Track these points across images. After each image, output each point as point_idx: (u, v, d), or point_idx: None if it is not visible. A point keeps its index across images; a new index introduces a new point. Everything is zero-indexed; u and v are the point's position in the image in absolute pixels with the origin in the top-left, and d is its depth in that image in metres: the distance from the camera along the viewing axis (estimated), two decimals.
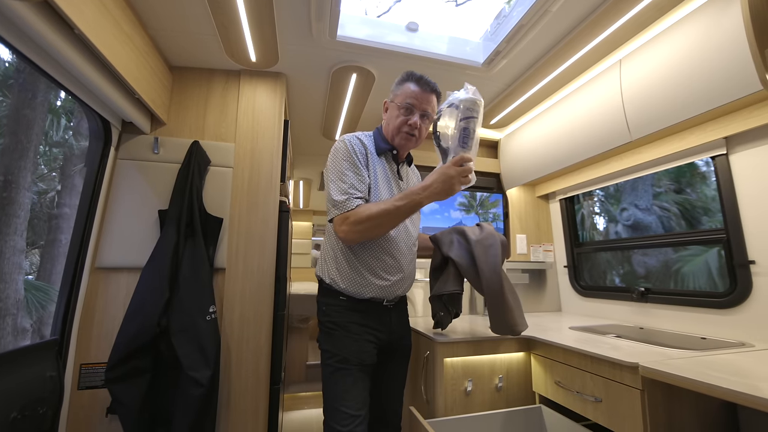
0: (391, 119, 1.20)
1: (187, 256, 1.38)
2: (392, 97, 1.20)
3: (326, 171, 1.16)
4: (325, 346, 1.12)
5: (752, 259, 1.25)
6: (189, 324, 1.30)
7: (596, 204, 2.10)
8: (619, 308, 1.75)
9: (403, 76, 1.20)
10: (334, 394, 1.06)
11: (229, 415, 1.38)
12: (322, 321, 1.15)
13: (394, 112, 1.19)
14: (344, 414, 1.03)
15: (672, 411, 0.97)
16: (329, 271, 1.16)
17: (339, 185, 1.08)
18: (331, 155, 1.15)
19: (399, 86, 1.19)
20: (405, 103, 1.16)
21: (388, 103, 1.23)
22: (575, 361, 1.18)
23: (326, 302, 1.16)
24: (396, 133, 1.19)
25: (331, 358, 1.09)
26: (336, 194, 1.07)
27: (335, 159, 1.13)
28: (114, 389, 1.22)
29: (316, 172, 3.48)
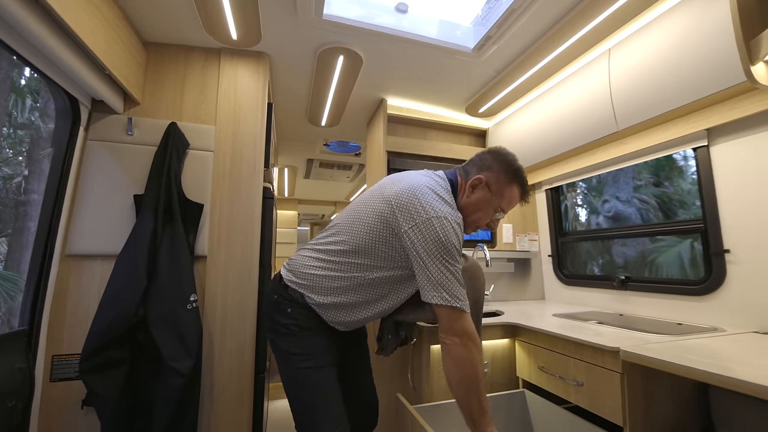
0: (479, 207, 1.07)
1: (165, 243, 1.32)
2: (494, 185, 1.06)
3: (434, 241, 0.94)
4: (295, 349, 1.03)
5: (727, 248, 1.29)
6: (168, 313, 1.26)
7: (579, 196, 2.14)
8: (600, 296, 1.80)
9: (512, 172, 1.07)
10: (316, 396, 1.00)
11: (213, 404, 1.36)
12: (286, 323, 1.04)
13: (487, 206, 1.07)
14: (334, 417, 0.99)
15: (649, 393, 1.01)
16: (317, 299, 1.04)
17: (457, 278, 0.94)
18: (443, 234, 0.94)
19: (505, 180, 1.06)
20: (502, 207, 1.08)
21: (483, 185, 1.06)
22: (558, 346, 1.21)
23: (293, 306, 1.06)
24: (474, 223, 1.10)
25: (307, 359, 1.02)
26: (458, 287, 0.93)
27: (449, 243, 0.94)
28: (89, 381, 1.18)
29: (302, 159, 3.40)
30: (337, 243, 1.06)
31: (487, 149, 1.12)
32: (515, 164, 1.07)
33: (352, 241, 1.04)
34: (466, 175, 1.10)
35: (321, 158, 3.30)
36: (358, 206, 1.09)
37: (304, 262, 1.09)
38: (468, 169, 1.11)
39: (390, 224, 1.00)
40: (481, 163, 1.09)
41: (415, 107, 2.16)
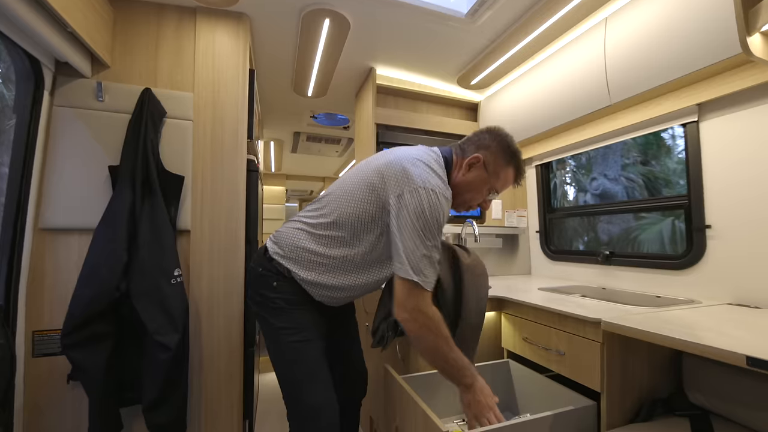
0: (474, 186, 1.06)
1: (145, 216, 1.28)
2: (491, 165, 1.04)
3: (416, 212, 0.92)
4: (282, 323, 1.02)
5: (709, 223, 1.32)
6: (152, 288, 1.23)
7: (568, 174, 2.15)
8: (584, 271, 1.84)
9: (510, 153, 1.05)
10: (304, 369, 1.01)
11: (203, 378, 1.36)
12: (271, 297, 1.03)
13: (481, 185, 1.06)
14: (321, 388, 1.00)
15: (626, 361, 1.04)
16: (301, 273, 1.02)
17: (432, 257, 0.93)
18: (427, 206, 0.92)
19: (503, 161, 1.05)
20: (496, 188, 1.07)
21: (480, 164, 1.04)
22: (543, 318, 1.24)
23: (279, 279, 1.04)
24: (467, 202, 1.10)
25: (295, 333, 1.01)
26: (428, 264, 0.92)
27: (432, 216, 0.92)
28: (72, 356, 1.16)
29: (288, 132, 3.29)
30: (326, 216, 1.04)
31: (486, 128, 1.09)
32: (513, 146, 1.06)
33: (340, 215, 1.02)
34: (463, 153, 1.07)
35: (308, 131, 3.21)
36: (349, 179, 1.07)
37: (291, 235, 1.07)
38: (465, 147, 1.08)
39: (379, 195, 0.98)
40: (479, 141, 1.06)
41: (405, 78, 2.09)
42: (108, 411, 1.19)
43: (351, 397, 1.25)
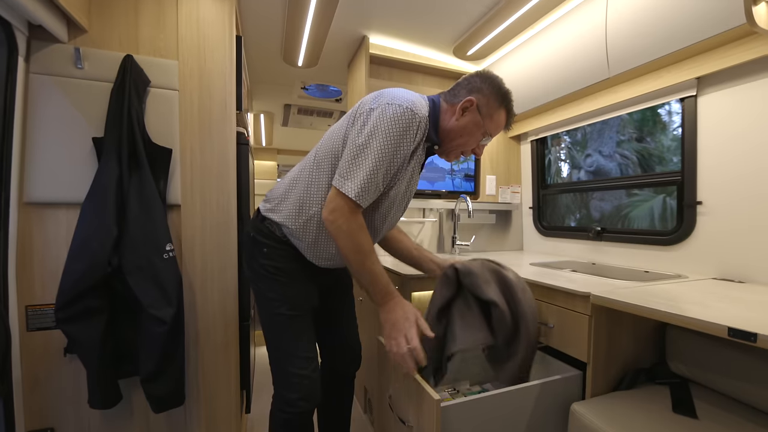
0: (468, 131, 1.02)
1: (133, 190, 1.25)
2: (484, 107, 1.01)
3: (368, 126, 0.92)
4: (272, 294, 1.05)
5: (700, 200, 1.33)
6: (145, 263, 1.22)
7: (563, 150, 2.13)
8: (575, 246, 1.87)
9: (502, 95, 1.02)
10: (289, 341, 1.04)
11: (200, 351, 1.38)
12: (263, 263, 1.06)
13: (476, 130, 1.03)
14: (302, 358, 1.04)
15: (612, 333, 1.08)
16: (290, 224, 1.04)
17: (374, 171, 0.91)
18: (389, 118, 0.90)
19: (495, 103, 1.01)
20: (490, 132, 1.04)
21: (473, 108, 1.01)
22: (534, 292, 1.25)
23: (269, 245, 1.06)
24: (457, 149, 1.06)
25: (283, 306, 1.04)
26: (364, 177, 0.90)
27: (391, 130, 0.90)
28: (68, 330, 1.16)
29: (279, 104, 3.19)
30: (313, 160, 1.05)
31: (475, 72, 1.05)
32: (504, 87, 1.03)
33: (324, 154, 1.02)
34: (454, 97, 1.03)
35: (299, 104, 3.12)
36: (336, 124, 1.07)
37: (281, 184, 1.10)
38: (456, 91, 1.04)
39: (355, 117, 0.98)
40: (470, 85, 1.02)
41: (399, 47, 2.01)
42: (107, 382, 1.21)
43: (345, 370, 1.28)
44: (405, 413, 1.01)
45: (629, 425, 0.91)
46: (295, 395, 1.02)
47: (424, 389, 0.89)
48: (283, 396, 1.04)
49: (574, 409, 1.01)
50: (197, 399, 1.38)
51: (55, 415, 1.24)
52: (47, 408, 1.23)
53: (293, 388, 1.02)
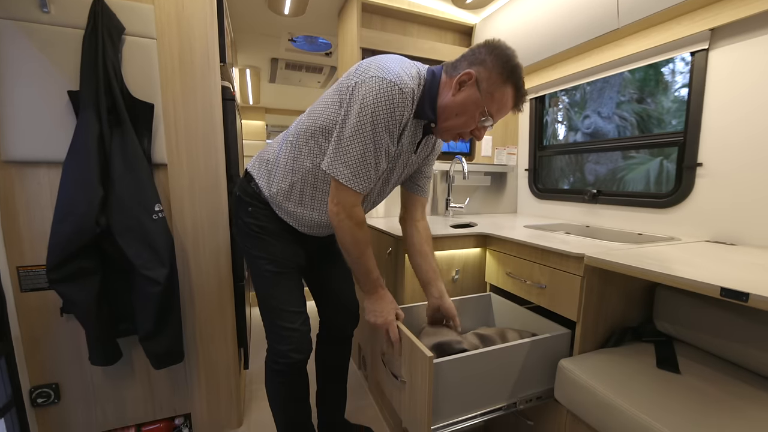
0: (465, 109, 0.91)
1: (116, 148, 1.19)
2: (485, 82, 0.88)
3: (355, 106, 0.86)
4: (257, 252, 1.07)
5: (700, 161, 1.31)
6: (134, 223, 1.20)
7: (560, 111, 2.07)
8: (570, 209, 1.86)
9: (509, 69, 0.88)
10: (277, 296, 1.07)
11: (196, 311, 1.40)
12: (247, 222, 1.07)
13: (473, 108, 0.90)
14: (291, 312, 1.07)
15: (603, 293, 1.10)
16: (273, 187, 1.04)
17: (365, 155, 0.88)
18: (374, 95, 0.84)
19: (499, 79, 0.88)
20: (491, 112, 0.91)
21: (472, 82, 0.89)
22: (527, 254, 1.26)
23: (254, 204, 1.07)
24: (453, 129, 0.95)
25: (269, 263, 1.07)
26: (355, 163, 0.88)
27: (376, 109, 0.84)
28: (61, 290, 1.15)
29: (265, 58, 3.01)
30: (303, 129, 1.01)
31: (483, 42, 0.91)
32: (513, 60, 0.88)
33: (313, 120, 0.99)
34: (454, 69, 0.92)
35: (287, 58, 2.95)
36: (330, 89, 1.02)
37: (271, 146, 1.09)
38: (457, 63, 0.93)
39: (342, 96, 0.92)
40: (473, 57, 0.90)
41: None
42: (105, 341, 1.22)
43: (342, 329, 1.31)
44: (398, 369, 1.04)
45: (613, 379, 0.95)
46: (286, 347, 1.06)
47: (417, 347, 0.91)
48: (275, 348, 1.09)
49: (562, 365, 1.05)
50: (196, 356, 1.41)
51: (59, 371, 1.27)
52: (50, 365, 1.26)
53: (284, 341, 1.07)
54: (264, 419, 1.57)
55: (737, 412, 0.83)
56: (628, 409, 0.85)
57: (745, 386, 0.92)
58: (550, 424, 1.13)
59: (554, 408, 1.11)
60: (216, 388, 1.46)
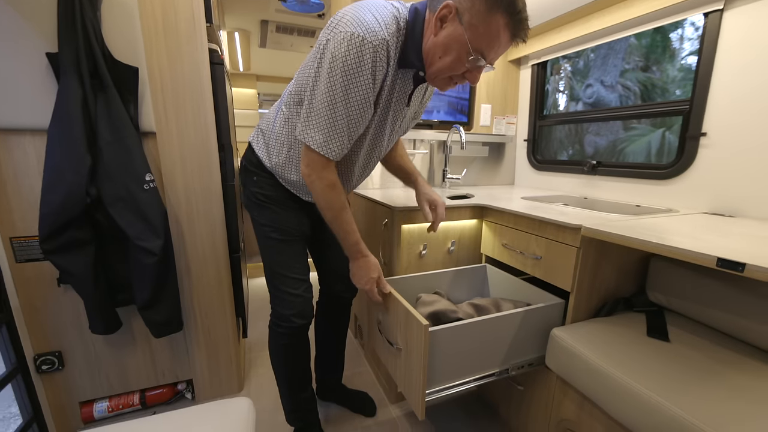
0: (448, 48, 0.79)
1: (102, 115, 1.15)
2: (467, 13, 0.75)
3: (324, 66, 0.79)
4: (263, 220, 1.09)
5: (705, 131, 1.27)
6: (125, 194, 1.18)
7: (562, 80, 1.99)
8: (568, 181, 1.84)
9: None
10: (282, 263, 1.10)
11: (193, 281, 1.40)
12: (253, 191, 1.10)
13: (458, 46, 0.77)
14: (294, 279, 1.10)
15: (598, 264, 1.10)
16: (273, 158, 1.05)
17: (333, 119, 0.82)
18: (341, 53, 0.76)
19: (482, 7, 0.73)
20: (480, 49, 0.77)
21: (452, 16, 0.76)
22: (524, 225, 1.26)
23: (259, 173, 1.09)
24: (441, 74, 0.84)
25: (274, 231, 1.09)
26: (326, 127, 0.83)
27: (344, 69, 0.77)
28: (57, 261, 1.15)
29: (254, 21, 2.86)
30: (289, 91, 0.99)
31: None
32: None
33: (297, 86, 0.95)
34: (437, 2, 0.79)
35: (277, 20, 2.80)
36: None
37: (269, 115, 1.07)
38: None
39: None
40: None
41: None
42: (104, 310, 1.24)
43: (341, 296, 1.33)
44: (394, 337, 1.06)
45: (604, 347, 0.97)
46: (289, 312, 1.09)
47: (413, 315, 0.92)
48: (278, 312, 1.12)
49: (554, 333, 1.07)
50: (195, 325, 1.44)
51: (61, 339, 1.29)
52: (52, 333, 1.28)
53: (287, 306, 1.10)
54: (264, 384, 1.63)
55: (725, 378, 0.85)
56: (615, 375, 0.88)
57: (734, 354, 0.94)
58: (540, 389, 1.17)
59: (545, 374, 1.14)
60: (216, 355, 1.50)
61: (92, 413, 1.36)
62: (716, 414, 0.73)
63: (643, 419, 0.80)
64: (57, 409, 1.33)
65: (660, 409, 0.77)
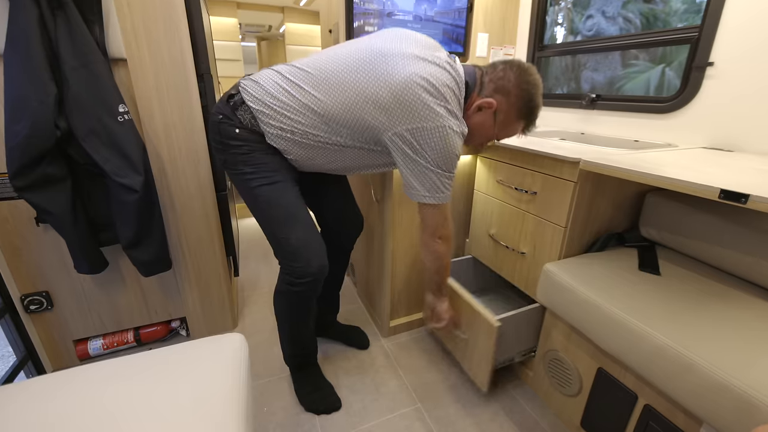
0: (475, 131, 1.00)
1: (63, 36, 1.03)
2: (502, 114, 0.97)
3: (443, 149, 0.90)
4: (248, 168, 0.97)
5: (712, 60, 1.22)
6: (98, 127, 1.09)
7: (561, 12, 1.86)
8: (566, 116, 1.79)
9: (528, 109, 0.97)
10: (283, 211, 0.99)
11: (179, 219, 1.36)
12: (233, 144, 0.97)
13: (483, 132, 1.01)
14: (300, 226, 1.00)
15: (594, 199, 1.10)
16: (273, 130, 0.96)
17: (452, 178, 0.96)
18: (450, 142, 0.89)
19: (516, 116, 0.98)
20: (499, 137, 1.04)
21: (490, 111, 0.97)
22: (519, 160, 1.23)
23: (241, 128, 0.96)
24: (474, 141, 1.05)
25: (263, 178, 0.98)
26: (450, 185, 0.96)
27: (447, 147, 0.90)
28: (31, 198, 1.08)
29: None
30: (309, 96, 0.92)
31: (516, 65, 0.95)
32: (535, 100, 0.96)
33: (326, 107, 0.91)
34: (481, 88, 0.97)
35: None
36: (349, 67, 0.90)
37: (272, 81, 0.95)
38: (485, 80, 0.97)
39: (389, 118, 0.89)
40: (501, 82, 0.94)
41: None
42: (88, 250, 1.20)
43: (343, 243, 1.32)
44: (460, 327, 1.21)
45: (595, 280, 0.99)
46: (302, 263, 0.99)
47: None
48: (290, 268, 1.01)
49: (547, 268, 1.09)
50: (185, 264, 1.42)
51: (47, 279, 1.27)
52: (37, 273, 1.25)
53: (300, 260, 0.99)
54: (258, 321, 1.66)
55: (712, 309, 0.87)
56: (604, 306, 0.90)
57: (722, 286, 0.96)
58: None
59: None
60: (208, 293, 1.50)
61: (87, 351, 1.38)
62: (701, 341, 0.75)
63: (629, 348, 0.84)
64: (51, 347, 1.34)
65: (647, 338, 0.80)
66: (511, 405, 1.23)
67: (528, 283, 1.25)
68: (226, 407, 0.65)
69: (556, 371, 1.11)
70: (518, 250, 1.26)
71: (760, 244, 0.91)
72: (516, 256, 1.28)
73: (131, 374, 0.71)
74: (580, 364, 1.03)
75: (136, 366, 0.73)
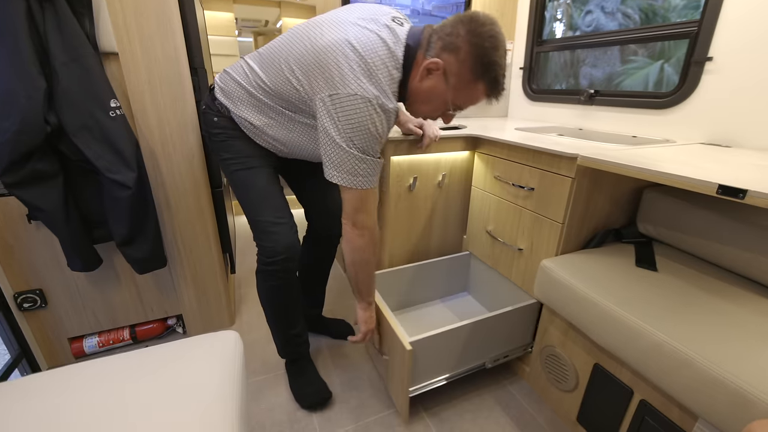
0: (428, 98, 0.89)
1: (52, 30, 1.01)
2: (453, 77, 0.83)
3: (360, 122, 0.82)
4: (227, 154, 1.04)
5: (711, 55, 1.21)
6: (90, 122, 1.08)
7: (560, 7, 1.84)
8: (564, 112, 1.78)
9: (482, 67, 0.80)
10: (256, 194, 1.04)
11: (174, 216, 1.34)
12: (213, 132, 1.04)
13: (437, 99, 0.88)
14: (270, 207, 1.04)
15: (591, 195, 1.09)
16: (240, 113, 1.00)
17: (372, 163, 0.88)
18: (357, 125, 0.82)
19: (469, 76, 0.82)
20: (458, 105, 0.89)
21: (439, 73, 0.84)
22: (517, 156, 1.22)
23: (219, 116, 1.03)
24: (418, 115, 0.97)
25: (239, 163, 1.04)
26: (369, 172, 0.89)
27: (364, 122, 0.82)
28: (21, 195, 1.07)
29: None
30: (256, 76, 0.96)
31: (467, 17, 0.80)
32: (490, 56, 0.79)
33: (272, 84, 0.92)
34: (427, 47, 0.84)
35: None
36: (289, 43, 0.90)
37: (240, 68, 1.00)
38: (433, 40, 0.84)
39: (308, 79, 0.86)
40: (448, 38, 0.81)
41: None
42: (81, 247, 1.18)
43: (329, 230, 1.30)
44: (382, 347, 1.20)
45: (592, 276, 0.99)
46: (273, 244, 1.02)
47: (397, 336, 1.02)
48: (263, 248, 1.04)
49: (544, 265, 1.08)
50: (180, 261, 1.41)
51: (40, 277, 1.25)
52: (29, 271, 1.23)
53: (270, 239, 1.02)
54: (255, 318, 1.66)
55: (708, 305, 0.87)
56: (601, 302, 0.90)
57: (720, 283, 0.96)
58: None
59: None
60: (204, 290, 1.49)
61: (83, 348, 1.37)
62: (697, 337, 0.75)
63: (626, 343, 0.84)
64: (45, 345, 1.33)
65: (643, 334, 0.80)
66: (508, 400, 1.23)
67: (525, 279, 1.25)
68: (220, 404, 0.64)
69: (552, 367, 1.12)
70: (515, 246, 1.26)
71: (757, 240, 0.91)
72: (513, 253, 1.28)
73: (126, 372, 0.70)
74: (576, 360, 1.03)
75: (130, 364, 0.72)
